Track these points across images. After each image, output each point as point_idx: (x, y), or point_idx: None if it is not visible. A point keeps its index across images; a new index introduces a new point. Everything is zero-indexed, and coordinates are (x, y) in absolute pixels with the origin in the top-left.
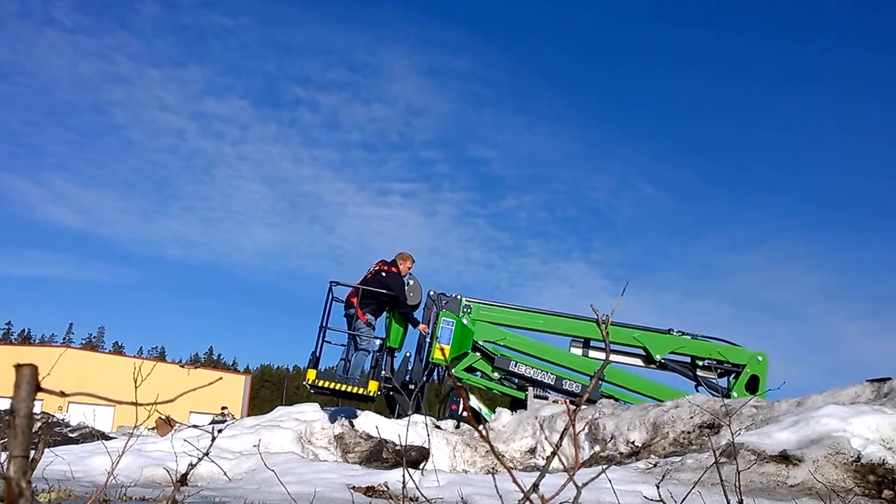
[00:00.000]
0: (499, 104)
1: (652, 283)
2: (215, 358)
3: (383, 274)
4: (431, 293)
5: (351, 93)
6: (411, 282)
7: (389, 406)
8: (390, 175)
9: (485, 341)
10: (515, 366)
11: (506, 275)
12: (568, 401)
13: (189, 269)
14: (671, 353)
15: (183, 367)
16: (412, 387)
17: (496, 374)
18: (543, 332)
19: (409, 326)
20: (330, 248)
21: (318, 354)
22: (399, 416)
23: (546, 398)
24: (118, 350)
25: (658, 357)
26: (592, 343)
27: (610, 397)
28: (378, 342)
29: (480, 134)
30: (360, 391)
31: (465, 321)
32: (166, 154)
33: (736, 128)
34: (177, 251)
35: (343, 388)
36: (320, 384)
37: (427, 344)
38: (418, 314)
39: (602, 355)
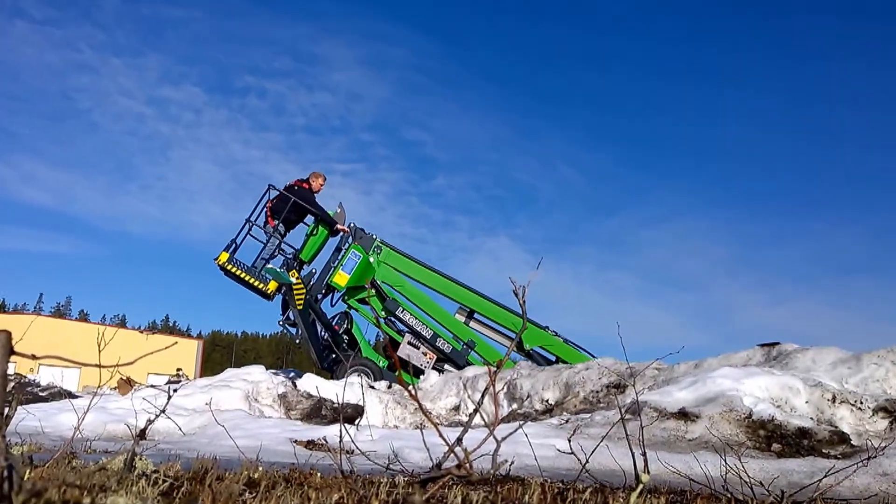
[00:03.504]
0: (432, 91)
1: (569, 256)
2: (171, 324)
3: (296, 188)
4: (352, 225)
5: (296, 80)
6: (339, 210)
7: (283, 309)
8: (331, 156)
9: (383, 282)
10: (402, 312)
11: (435, 248)
12: (489, 365)
13: (148, 244)
14: (540, 346)
15: (142, 332)
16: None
17: (383, 314)
18: (437, 292)
19: (323, 248)
20: None
21: (237, 242)
22: (290, 323)
23: (418, 347)
24: (84, 317)
25: (527, 347)
26: (476, 315)
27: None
28: (289, 250)
29: (415, 118)
30: (261, 286)
31: (371, 259)
32: (127, 136)
33: (645, 116)
34: (137, 227)
35: (247, 278)
36: (229, 268)
37: (332, 268)
38: (334, 241)
39: (479, 327)
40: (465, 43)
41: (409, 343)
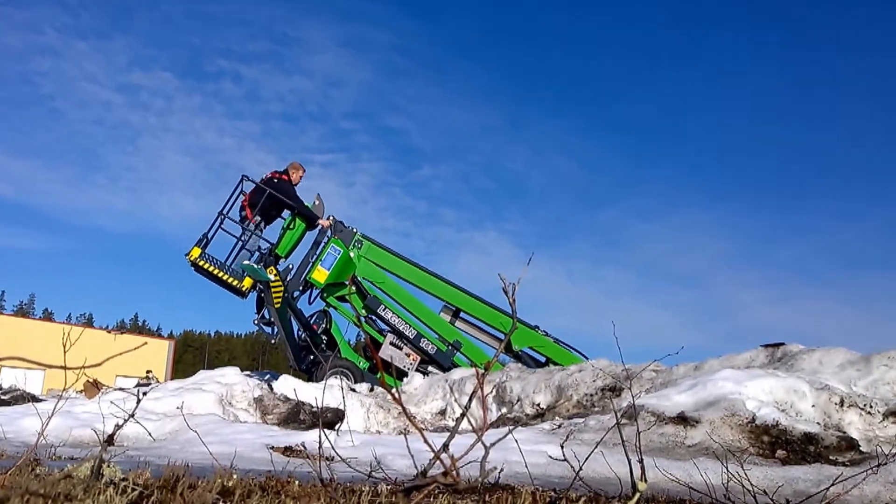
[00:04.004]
0: (416, 75)
1: (562, 252)
2: (140, 324)
3: (275, 181)
4: (332, 218)
5: (272, 64)
6: (317, 202)
7: (258, 308)
8: (309, 145)
9: (364, 278)
10: (384, 310)
11: (420, 243)
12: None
13: (116, 238)
14: (530, 347)
15: (109, 332)
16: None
17: (364, 312)
18: (421, 289)
19: (300, 242)
20: None
21: (209, 236)
22: (265, 322)
23: (400, 348)
24: (48, 316)
25: (515, 347)
26: (462, 314)
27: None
28: (265, 245)
29: (398, 105)
30: (235, 283)
31: (351, 254)
32: (93, 125)
33: (642, 103)
34: (104, 220)
35: (220, 275)
36: (201, 264)
37: (310, 263)
38: (311, 235)
39: (466, 327)
40: (452, 24)
41: (392, 344)
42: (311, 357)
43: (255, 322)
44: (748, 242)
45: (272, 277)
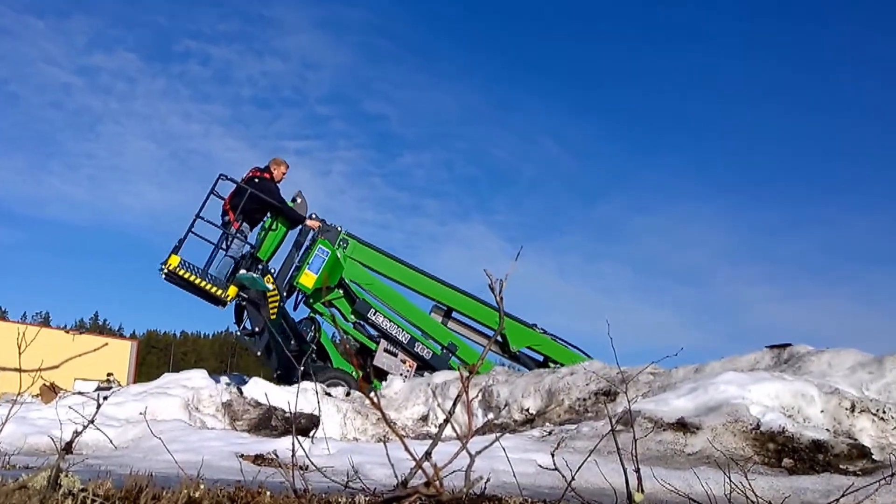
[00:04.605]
0: (398, 58)
1: (552, 246)
2: (101, 323)
3: (256, 180)
4: (314, 216)
5: (243, 45)
6: (298, 200)
7: (237, 317)
8: (283, 132)
9: (351, 281)
10: (374, 314)
11: (401, 235)
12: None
13: (74, 230)
14: (528, 347)
15: (68, 332)
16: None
17: (353, 317)
18: (411, 289)
19: (281, 244)
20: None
21: (184, 241)
22: (248, 333)
23: (395, 354)
24: (1, 315)
25: (513, 348)
26: (454, 314)
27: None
28: (247, 248)
29: (377, 89)
30: (217, 292)
31: (338, 254)
32: (51, 109)
33: (641, 88)
34: (61, 211)
35: (201, 283)
36: (180, 273)
37: (294, 267)
38: (294, 233)
39: (459, 328)
40: (434, 4)
41: (386, 350)
42: (302, 369)
43: (238, 334)
44: (752, 236)
45: (270, 287)
